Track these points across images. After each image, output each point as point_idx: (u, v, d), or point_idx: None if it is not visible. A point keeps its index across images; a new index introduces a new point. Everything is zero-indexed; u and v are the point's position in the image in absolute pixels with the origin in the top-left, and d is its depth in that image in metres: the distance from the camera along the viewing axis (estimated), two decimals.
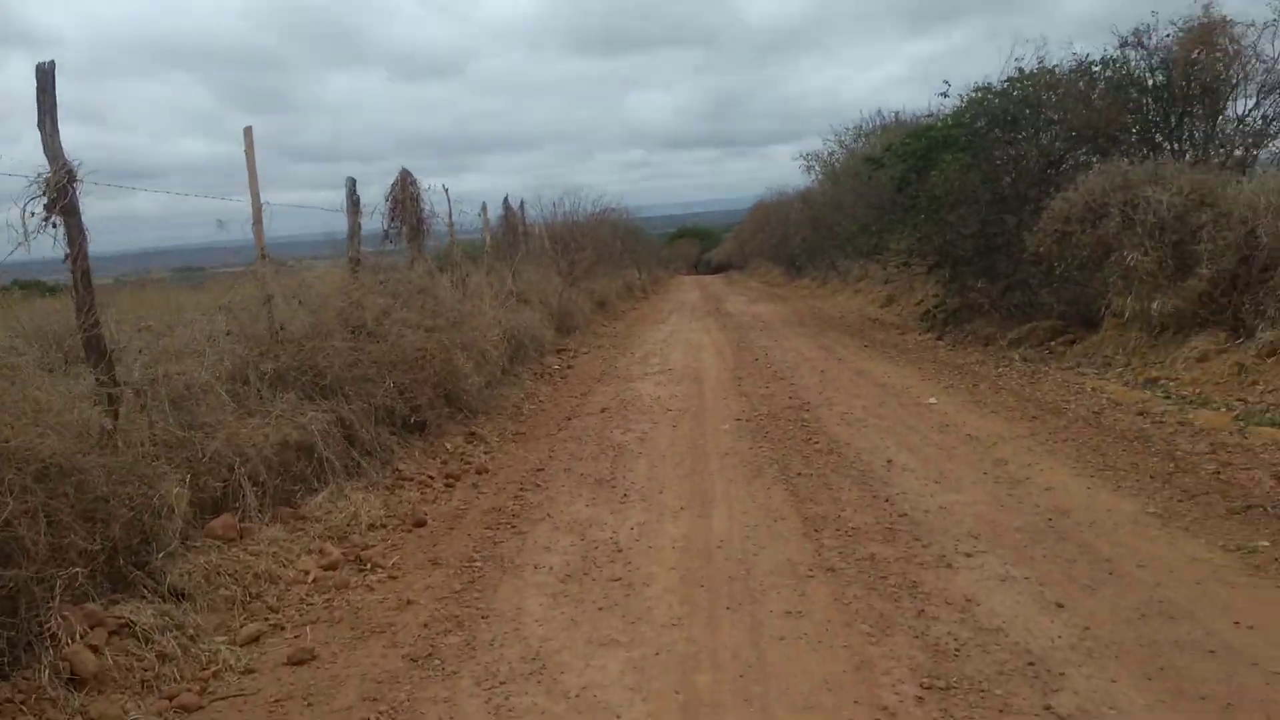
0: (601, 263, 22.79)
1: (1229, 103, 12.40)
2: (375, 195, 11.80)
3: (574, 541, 5.52)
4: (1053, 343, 11.95)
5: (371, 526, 5.81)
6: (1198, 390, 8.63)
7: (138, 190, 7.11)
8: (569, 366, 13.38)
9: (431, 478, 7.02)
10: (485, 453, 8.03)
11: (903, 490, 6.11)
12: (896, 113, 23.99)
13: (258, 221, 6.96)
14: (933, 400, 9.20)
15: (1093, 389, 9.28)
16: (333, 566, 5.04)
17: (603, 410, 9.87)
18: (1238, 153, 12.41)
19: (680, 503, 6.19)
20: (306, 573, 4.90)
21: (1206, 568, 4.48)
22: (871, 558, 4.90)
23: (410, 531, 5.90)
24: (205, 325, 6.38)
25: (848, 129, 26.54)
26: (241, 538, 5.00)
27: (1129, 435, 7.28)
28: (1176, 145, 12.64)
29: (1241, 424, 7.35)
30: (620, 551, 5.26)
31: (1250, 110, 12.32)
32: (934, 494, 5.99)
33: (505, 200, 17.26)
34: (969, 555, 4.85)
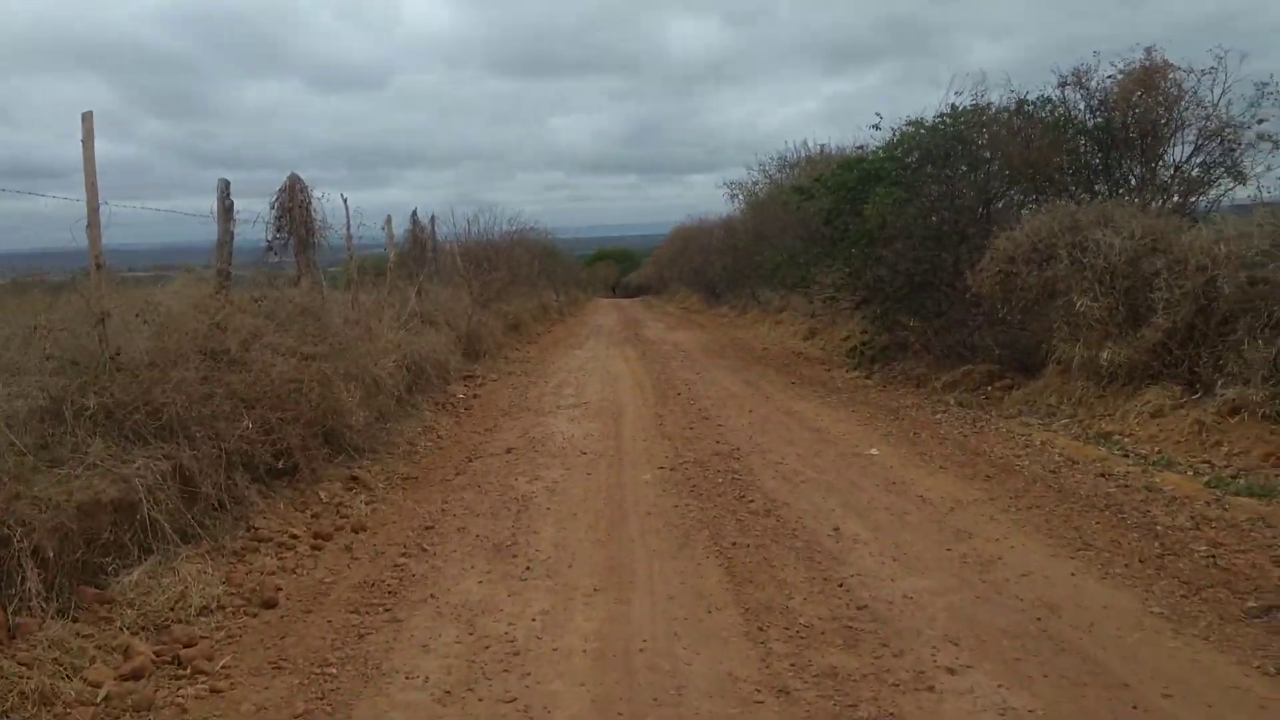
0: (516, 283, 21.62)
1: (1167, 148, 11.88)
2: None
3: (460, 636, 4.37)
4: (989, 387, 11.18)
5: (204, 610, 4.57)
6: (1157, 449, 7.85)
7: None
8: (475, 396, 12.19)
9: (295, 537, 5.79)
10: (367, 503, 6.81)
11: (858, 571, 5.10)
12: (822, 145, 23.40)
13: (93, 225, 5.68)
14: (874, 451, 8.27)
15: (1042, 442, 8.46)
16: (137, 675, 3.80)
17: (509, 451, 8.72)
18: (1174, 199, 11.91)
19: (594, 581, 5.08)
20: (97, 687, 3.65)
21: (1249, 699, 3.56)
22: (833, 673, 3.86)
23: (255, 616, 4.68)
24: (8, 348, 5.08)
25: (772, 159, 25.91)
26: (11, 639, 3.73)
27: (1097, 503, 6.41)
28: (1112, 189, 12.05)
29: (1217, 493, 6.56)
30: (517, 655, 4.13)
31: (1189, 157, 11.80)
32: (895, 576, 5.00)
33: (413, 214, 16.03)
34: (952, 672, 3.84)
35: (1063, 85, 12.26)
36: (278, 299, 7.59)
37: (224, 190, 7.45)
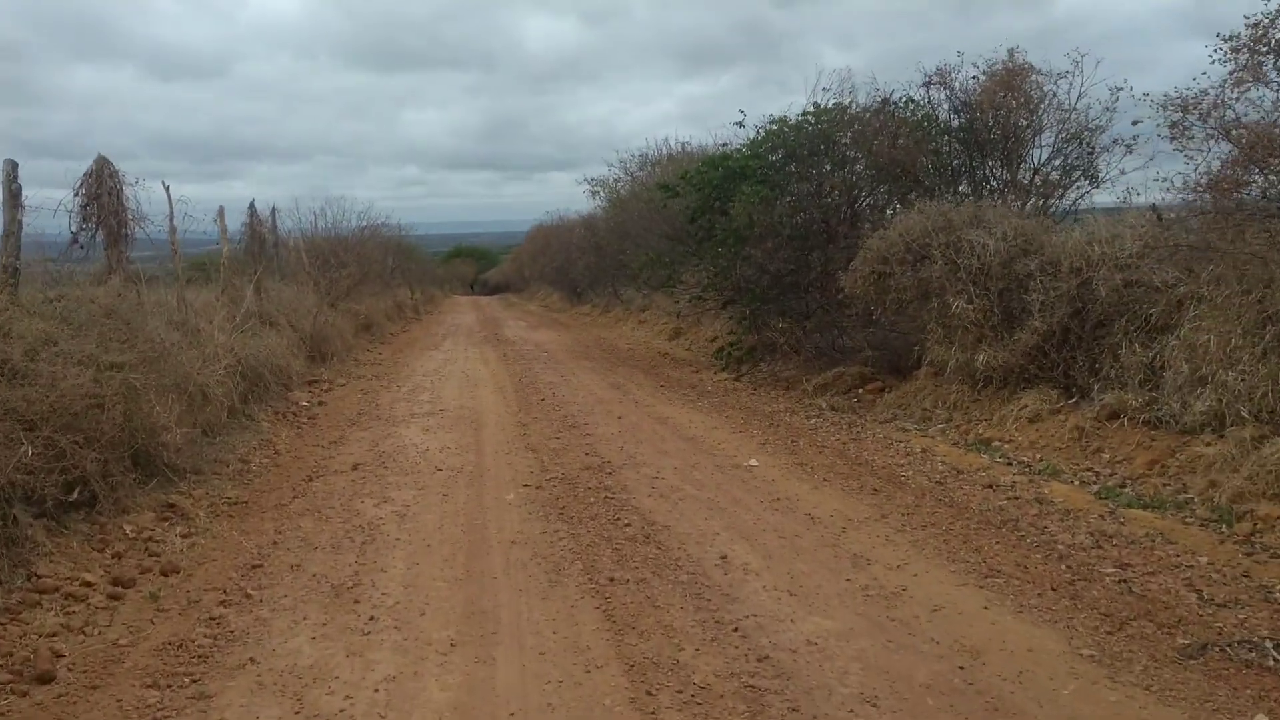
0: (368, 281, 20.39)
1: (1028, 150, 11.83)
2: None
3: (283, 717, 3.54)
4: (860, 390, 10.87)
5: None
6: (1039, 456, 7.58)
7: None
8: (321, 403, 11.13)
9: (89, 585, 4.80)
10: (184, 536, 5.82)
11: (753, 610, 4.49)
12: (684, 144, 22.97)
13: None
14: (754, 462, 7.73)
15: (923, 450, 8.11)
16: None
17: (355, 467, 7.80)
18: (1035, 201, 11.88)
19: (450, 632, 4.31)
20: None
21: None
22: None
23: (25, 695, 3.72)
24: None
25: (634, 156, 25.36)
26: None
27: (992, 519, 6.02)
28: (976, 190, 11.93)
29: (1109, 504, 6.26)
30: None
31: (1048, 159, 11.78)
32: (794, 616, 4.41)
33: (250, 206, 14.69)
34: None
35: (927, 85, 12.07)
36: (78, 299, 6.48)
37: (10, 173, 6.29)
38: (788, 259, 12.64)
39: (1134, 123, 8.41)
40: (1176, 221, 7.88)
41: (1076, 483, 6.82)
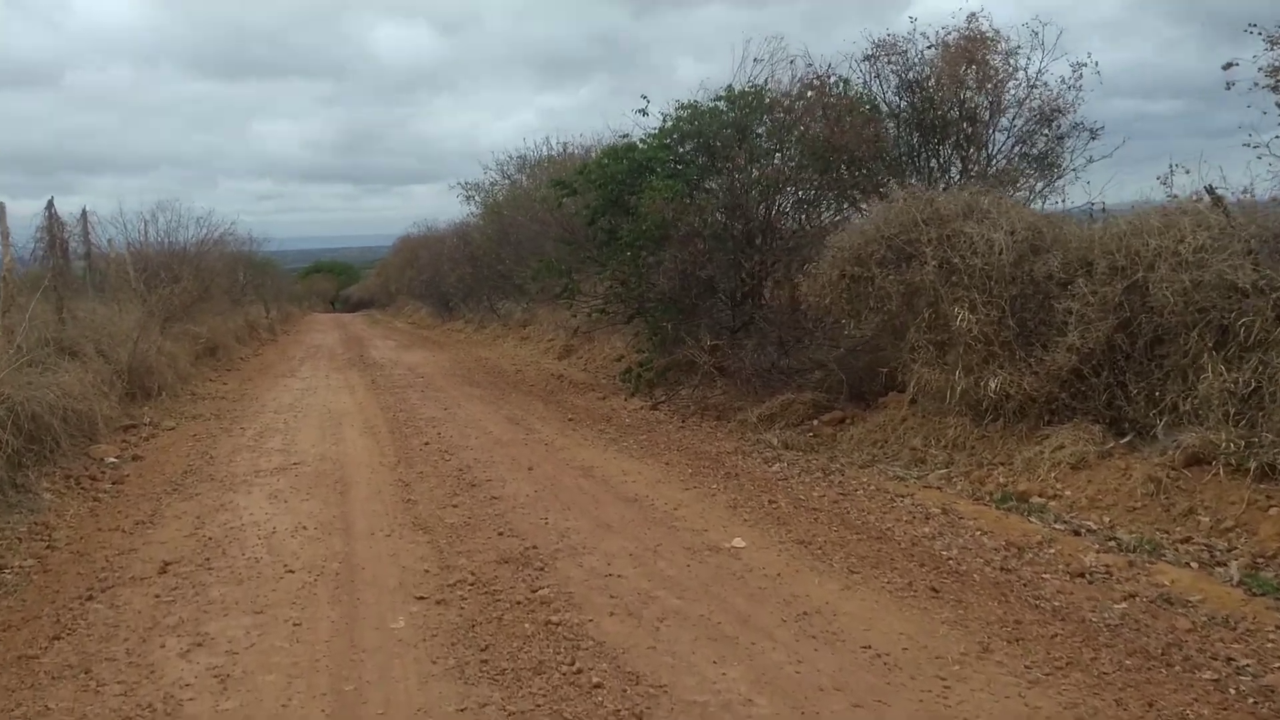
0: (211, 298, 17.28)
1: (990, 133, 10.03)
2: None
3: None
4: (816, 422, 8.80)
5: None
6: (1106, 519, 5.61)
7: None
8: (136, 457, 8.32)
9: None
10: None
11: None
12: (565, 143, 20.64)
13: None
14: (738, 543, 5.47)
15: (942, 510, 6.04)
16: None
17: (164, 569, 5.19)
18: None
19: None
20: None
21: None
22: None
23: None
24: None
25: (511, 158, 22.86)
26: None
27: (1137, 644, 3.95)
28: (928, 180, 10.05)
29: (1273, 604, 4.29)
30: None
31: (1013, 145, 10.00)
32: None
33: (48, 207, 11.56)
34: None
35: (870, 59, 10.12)
36: None
37: None
38: (707, 265, 10.52)
39: (1226, 66, 6.51)
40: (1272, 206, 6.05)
41: (1192, 565, 4.84)
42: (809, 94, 10.52)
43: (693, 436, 8.96)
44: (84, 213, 11.50)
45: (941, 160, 10.14)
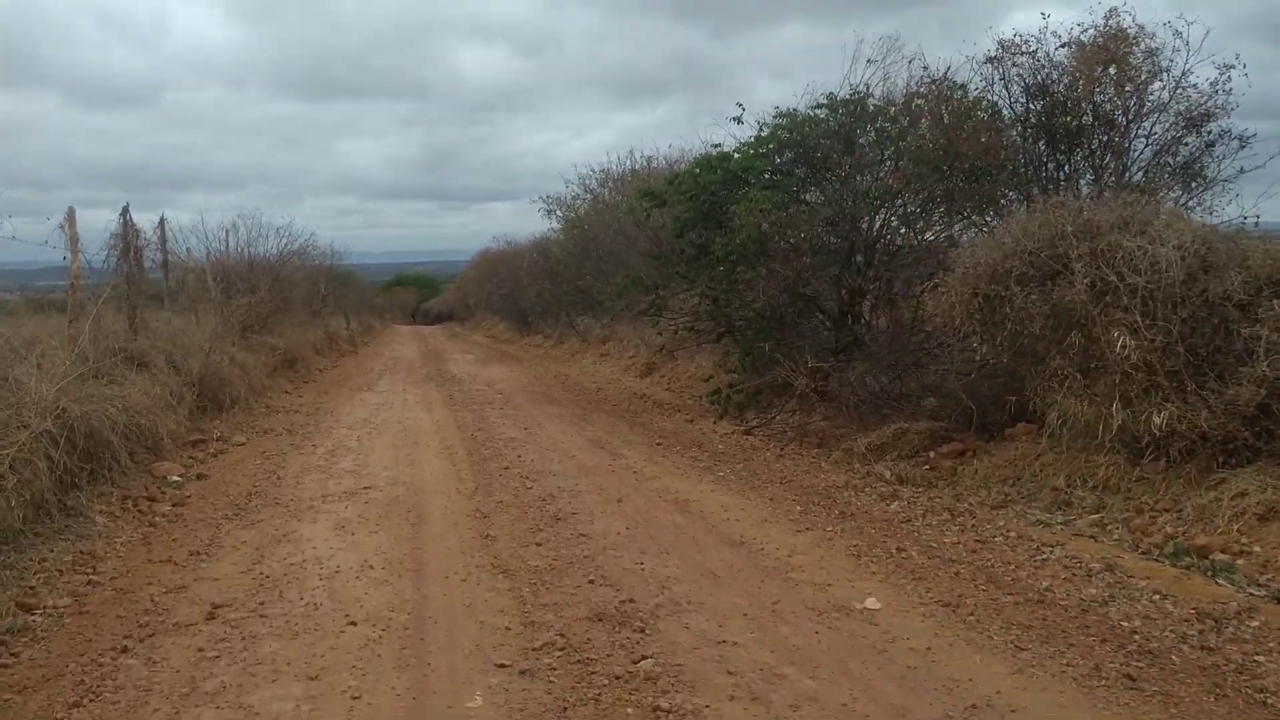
0: (291, 310, 16.93)
1: (1130, 140, 8.97)
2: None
3: None
4: (932, 454, 7.87)
5: None
6: None
7: None
8: (200, 476, 7.76)
9: None
10: None
11: None
12: (649, 158, 19.93)
13: None
14: (871, 603, 4.60)
15: (1105, 566, 5.08)
16: None
17: (213, 615, 4.51)
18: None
19: None
20: None
21: None
22: None
23: None
24: None
25: (594, 171, 22.24)
26: None
27: None
28: (1049, 189, 9.03)
29: None
30: None
31: (1156, 154, 8.91)
32: None
33: (123, 213, 11.17)
34: None
35: (994, 61, 9.15)
36: None
37: None
38: (822, 281, 9.66)
39: None
40: None
41: None
42: (920, 100, 9.63)
43: (794, 466, 8.08)
44: (161, 220, 11.13)
45: (1071, 170, 9.11)
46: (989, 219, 9.15)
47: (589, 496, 6.92)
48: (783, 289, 9.96)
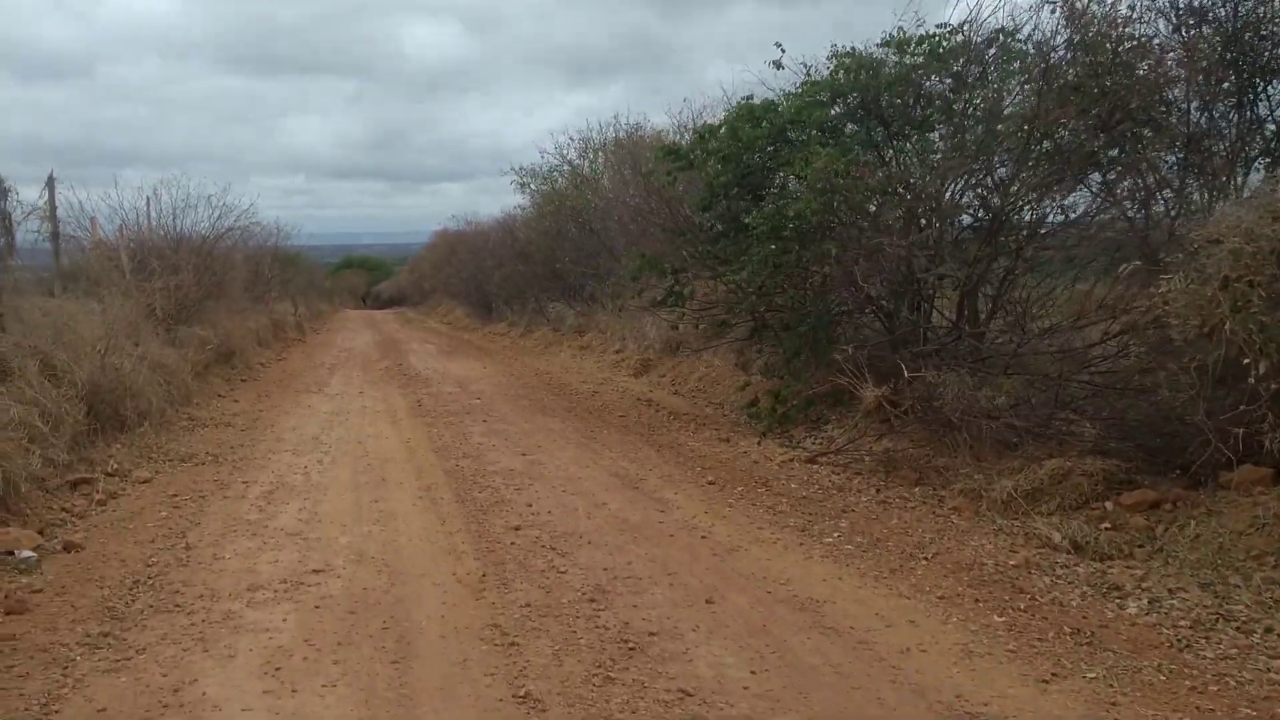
0: (227, 294, 14.04)
1: None
2: None
3: None
4: (1107, 504, 5.51)
5: None
6: None
7: None
8: (70, 547, 5.09)
9: None
10: None
11: None
12: (637, 123, 17.31)
13: None
14: None
15: None
16: None
17: None
18: None
19: None
20: None
21: None
22: None
23: None
24: None
25: (571, 140, 19.56)
26: None
27: None
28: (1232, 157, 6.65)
29: None
30: None
31: None
32: None
33: (50, 179, 8.36)
34: None
35: None
36: None
37: None
38: (917, 263, 7.22)
39: None
40: None
41: None
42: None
43: (918, 524, 5.65)
44: (50, 180, 8.26)
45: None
46: (1138, 190, 6.77)
47: (659, 590, 4.42)
48: (922, 267, 7.40)
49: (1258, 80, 6.41)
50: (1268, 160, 6.05)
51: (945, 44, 7.80)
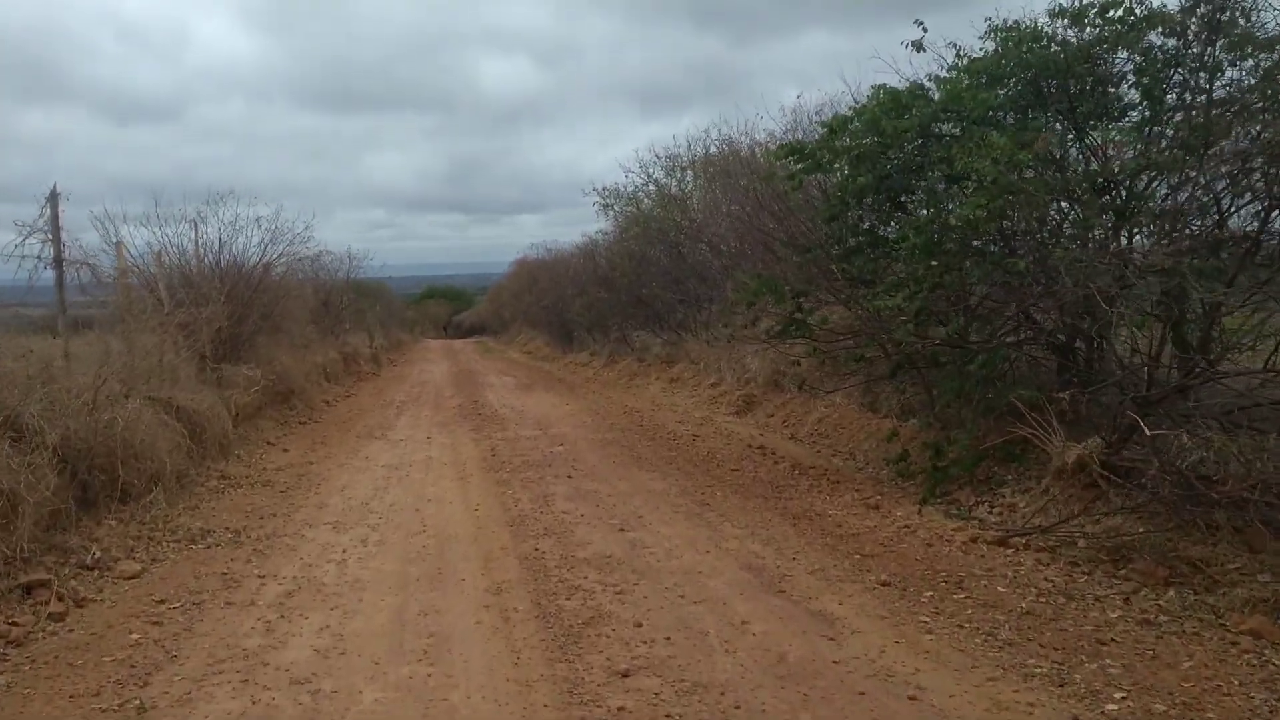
0: (283, 328, 12.53)
1: None
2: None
3: None
4: None
5: None
6: None
7: None
8: (9, 684, 3.39)
9: None
10: None
11: None
12: (727, 139, 15.49)
13: None
14: None
15: None
16: None
17: None
18: None
19: None
20: None
21: None
22: None
23: None
24: None
25: (656, 158, 17.84)
26: None
27: None
28: None
29: None
30: None
31: None
32: None
33: (53, 193, 6.89)
34: None
35: None
36: None
37: None
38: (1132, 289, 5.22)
39: None
40: None
41: None
42: None
43: (1225, 665, 3.60)
44: (53, 193, 6.75)
45: None
46: None
47: None
48: (1062, 301, 5.50)
49: None
50: None
51: (1138, 9, 5.84)
